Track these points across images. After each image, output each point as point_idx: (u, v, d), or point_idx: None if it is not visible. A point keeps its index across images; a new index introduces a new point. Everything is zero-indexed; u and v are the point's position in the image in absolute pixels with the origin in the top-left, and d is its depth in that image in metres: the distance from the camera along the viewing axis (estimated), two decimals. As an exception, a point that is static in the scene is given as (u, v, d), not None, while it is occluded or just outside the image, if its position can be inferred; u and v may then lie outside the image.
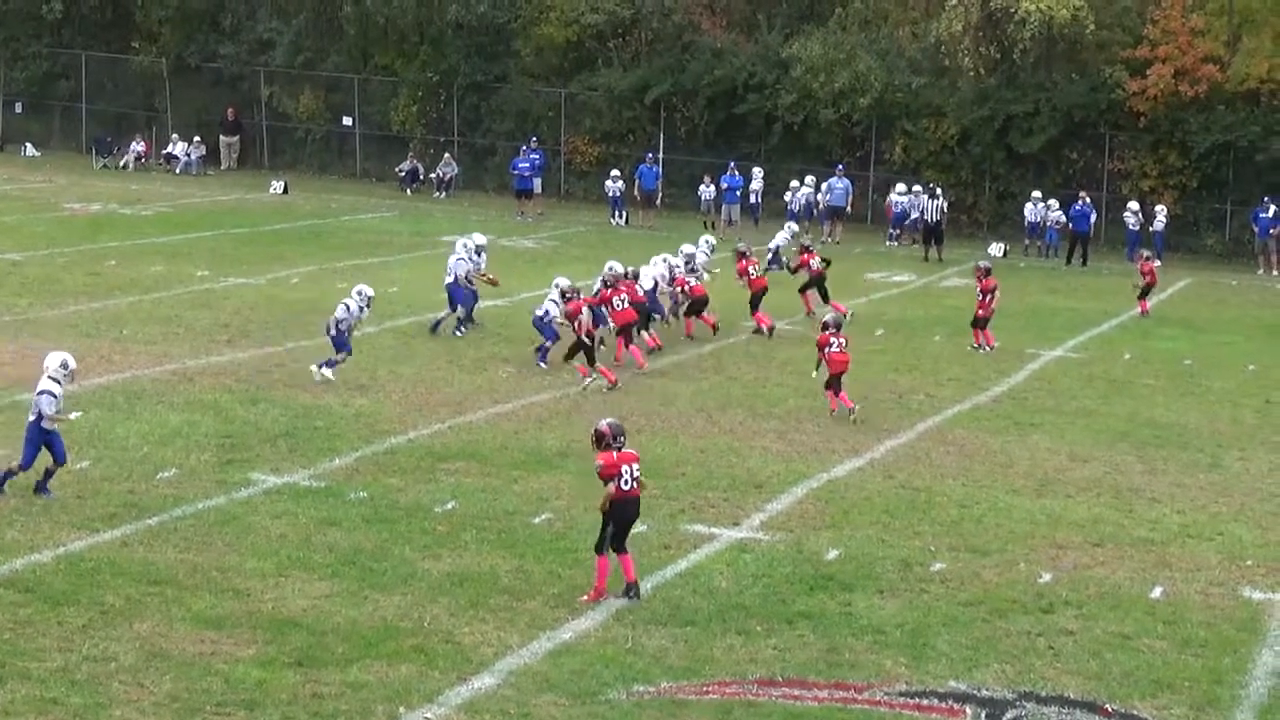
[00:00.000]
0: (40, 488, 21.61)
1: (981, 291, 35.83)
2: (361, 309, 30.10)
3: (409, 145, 65.86)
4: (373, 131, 67.24)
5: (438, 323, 34.75)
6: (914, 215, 54.14)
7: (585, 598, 18.73)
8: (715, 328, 35.64)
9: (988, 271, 36.19)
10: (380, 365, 31.08)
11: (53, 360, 21.92)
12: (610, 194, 57.86)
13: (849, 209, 56.28)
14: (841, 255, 47.39)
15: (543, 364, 31.47)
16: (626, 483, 18.76)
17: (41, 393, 21.47)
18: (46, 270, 40.54)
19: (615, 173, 58.23)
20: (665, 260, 36.82)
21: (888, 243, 55.33)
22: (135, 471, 23.08)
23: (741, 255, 37.19)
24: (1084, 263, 52.46)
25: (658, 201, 58.94)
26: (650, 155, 59.66)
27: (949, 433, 28.01)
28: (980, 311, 35.93)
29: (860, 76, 58.19)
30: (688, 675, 16.93)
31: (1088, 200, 53.29)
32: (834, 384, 28.60)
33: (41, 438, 21.49)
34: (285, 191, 61.38)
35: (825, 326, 29.13)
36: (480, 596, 18.89)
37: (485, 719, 15.59)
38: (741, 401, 29.55)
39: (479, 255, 35.96)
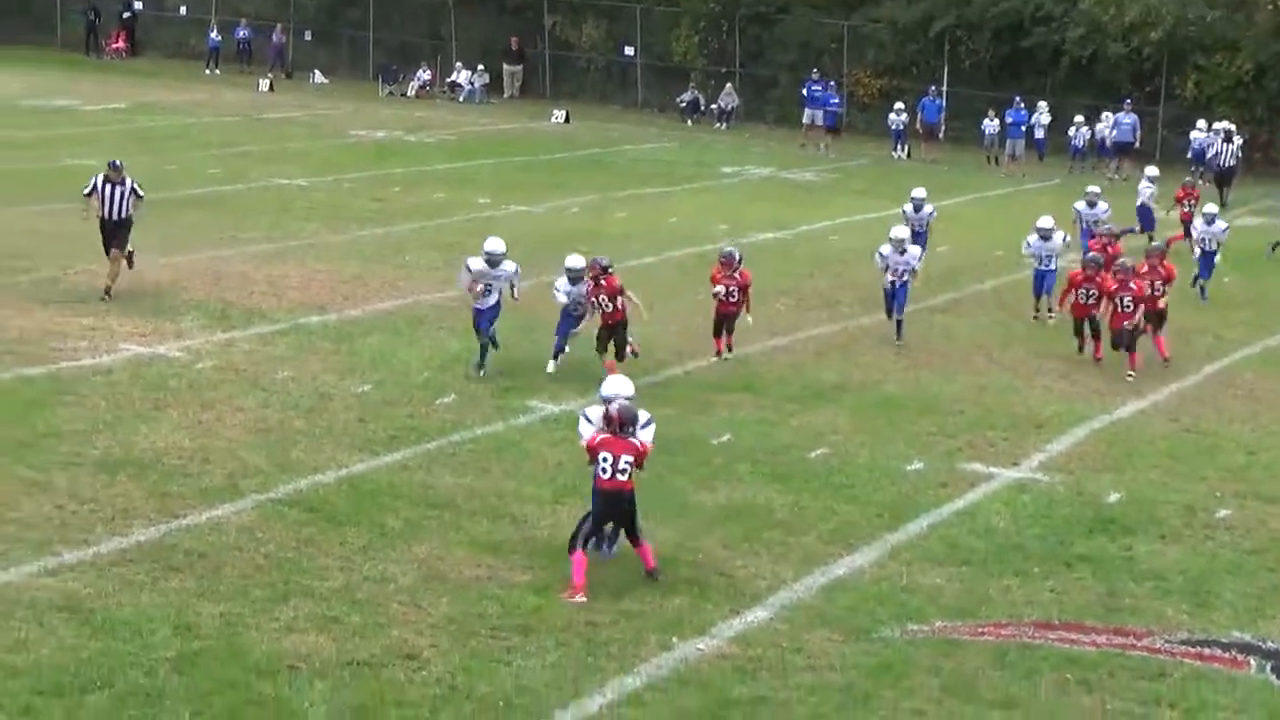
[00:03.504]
0: None
1: (1163, 281, 28.12)
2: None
3: (690, 76, 65.89)
4: (654, 62, 67.37)
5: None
6: (1209, 154, 52.74)
7: (565, 595, 16.65)
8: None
9: (1162, 256, 29.02)
10: (657, 297, 31.14)
11: None
12: (893, 127, 57.34)
13: (1137, 144, 55.07)
14: (1129, 192, 46.53)
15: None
16: (605, 471, 16.96)
17: None
18: (332, 196, 41.31)
19: (899, 105, 57.72)
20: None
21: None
22: (415, 396, 23.45)
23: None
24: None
25: (940, 135, 58.39)
26: (933, 89, 59.05)
27: (1237, 376, 27.38)
28: (1151, 306, 27.63)
29: (1151, 9, 56.88)
30: (962, 615, 16.78)
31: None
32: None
33: None
34: (566, 121, 61.84)
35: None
36: (754, 530, 18.89)
37: (758, 651, 15.59)
38: (1023, 339, 29.18)
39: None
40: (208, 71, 71.89)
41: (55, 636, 14.92)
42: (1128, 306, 26.70)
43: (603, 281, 25.15)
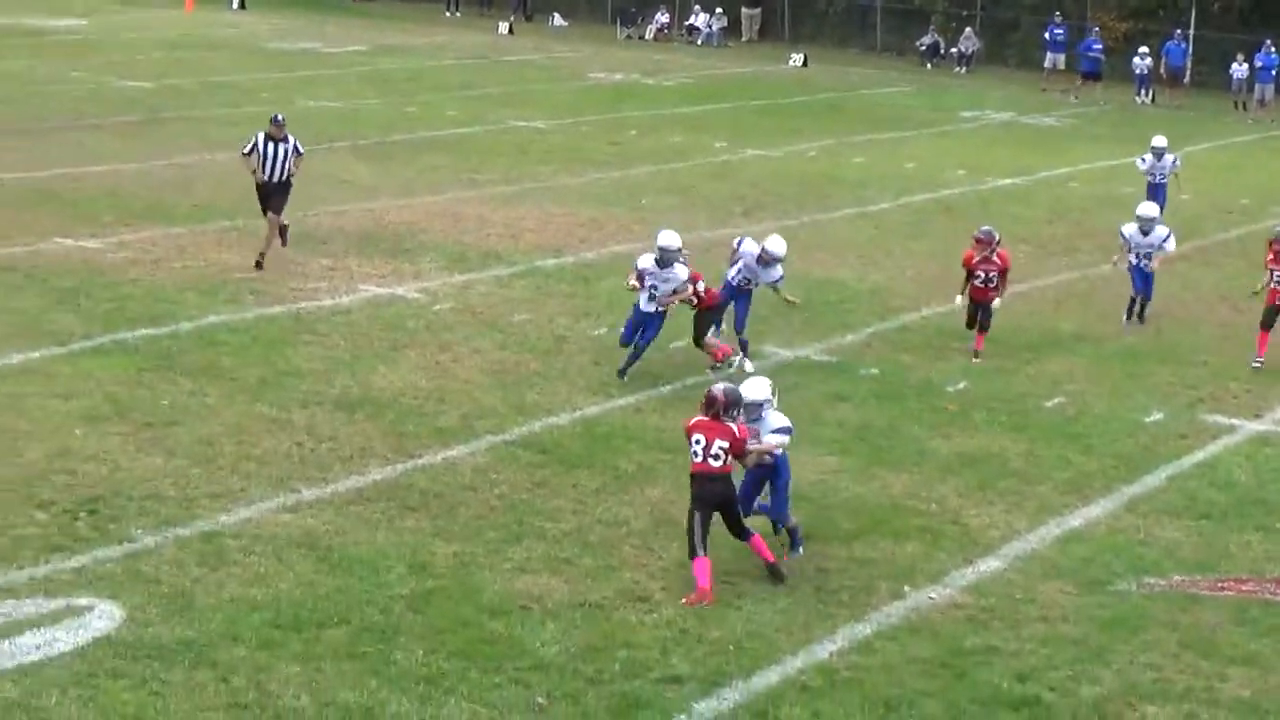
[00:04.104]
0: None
1: None
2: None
3: (930, 19, 65.21)
4: (894, 5, 66.77)
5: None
6: None
7: (686, 600, 15.14)
8: None
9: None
10: (893, 241, 30.98)
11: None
12: (1136, 71, 56.28)
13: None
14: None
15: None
16: (696, 455, 15.48)
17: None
18: (570, 139, 41.52)
19: (1143, 49, 56.62)
20: None
21: None
22: (650, 340, 23.48)
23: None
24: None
25: (1185, 80, 57.19)
26: (1178, 32, 57.83)
27: None
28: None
29: None
30: (1201, 569, 16.50)
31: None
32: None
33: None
34: (804, 64, 61.55)
35: None
36: (989, 479, 18.73)
37: (990, 601, 15.47)
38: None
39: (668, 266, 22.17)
40: (448, 14, 72.61)
41: (294, 572, 15.21)
42: (1278, 282, 24.00)
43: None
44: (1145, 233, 25.65)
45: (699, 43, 67.58)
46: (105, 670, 13.13)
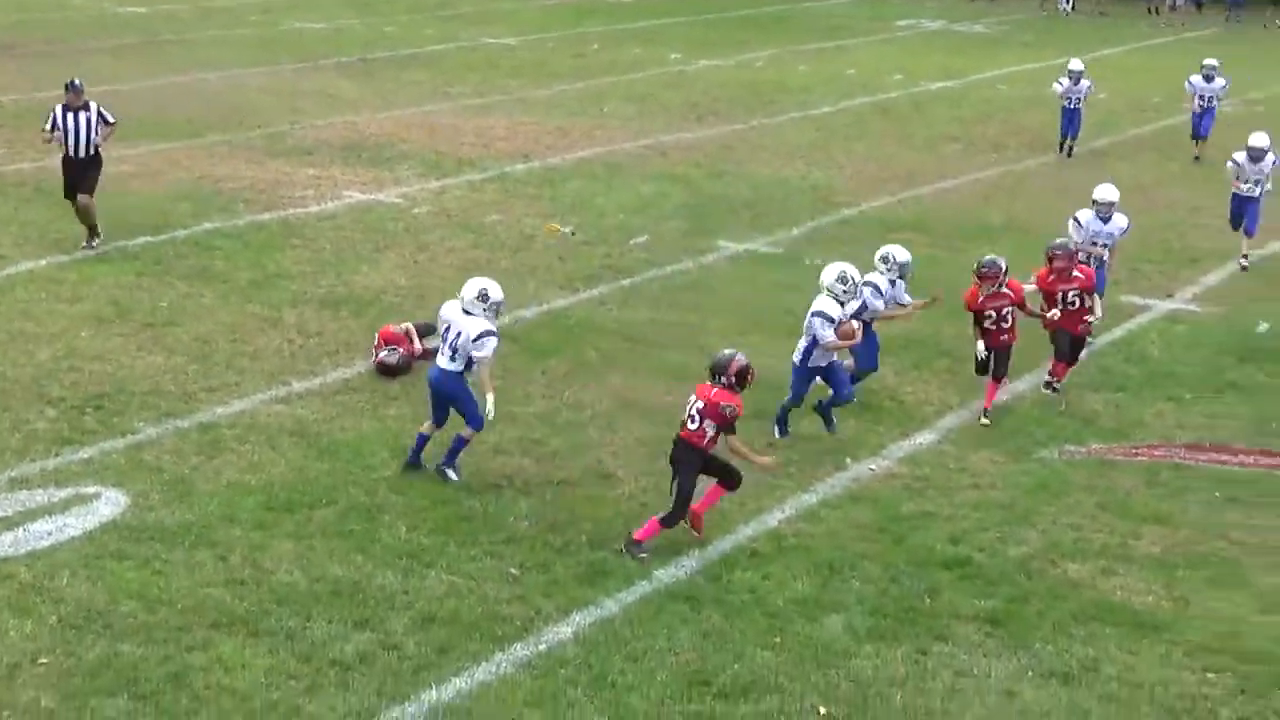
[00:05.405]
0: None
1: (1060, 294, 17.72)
2: None
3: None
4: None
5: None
6: None
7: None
8: None
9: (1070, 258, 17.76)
10: (834, 142, 30.85)
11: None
12: (1061, -19, 56.06)
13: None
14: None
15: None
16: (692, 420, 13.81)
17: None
18: (536, 54, 41.22)
19: (1065, -38, 56.30)
20: None
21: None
22: (611, 237, 23.42)
23: None
24: None
25: (1107, -11, 56.96)
26: (1099, -56, 57.46)
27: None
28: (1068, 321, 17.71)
29: None
30: (1117, 438, 16.55)
31: None
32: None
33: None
34: (752, -20, 61.14)
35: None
36: (924, 359, 18.74)
37: (925, 471, 15.51)
38: (1179, 178, 28.53)
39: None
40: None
41: (285, 458, 15.16)
42: (1072, 304, 17.73)
43: None
44: (1105, 220, 20.02)
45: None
46: (111, 552, 13.10)
